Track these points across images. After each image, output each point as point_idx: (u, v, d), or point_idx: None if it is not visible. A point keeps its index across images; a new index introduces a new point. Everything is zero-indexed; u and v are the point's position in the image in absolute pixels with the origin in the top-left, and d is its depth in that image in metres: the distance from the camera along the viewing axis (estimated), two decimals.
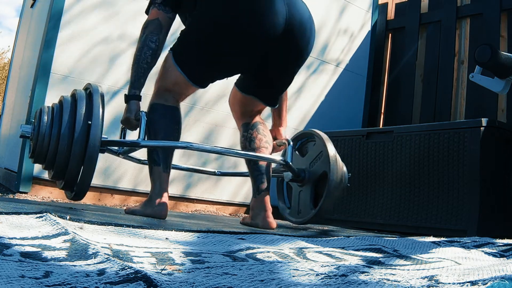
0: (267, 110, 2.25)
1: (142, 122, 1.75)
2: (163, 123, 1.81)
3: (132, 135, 1.94)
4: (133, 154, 2.05)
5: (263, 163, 1.98)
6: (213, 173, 2.28)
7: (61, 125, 1.61)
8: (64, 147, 1.60)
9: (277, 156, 2.02)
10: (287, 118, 2.21)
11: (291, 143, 2.04)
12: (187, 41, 1.84)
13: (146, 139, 1.78)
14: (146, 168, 2.69)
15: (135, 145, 1.79)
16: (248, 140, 2.01)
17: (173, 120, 1.84)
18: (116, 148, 1.95)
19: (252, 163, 1.99)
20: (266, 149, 1.99)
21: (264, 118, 2.79)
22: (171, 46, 1.89)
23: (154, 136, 1.79)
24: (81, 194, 1.69)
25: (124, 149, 1.95)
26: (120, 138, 1.91)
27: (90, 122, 1.60)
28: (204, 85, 1.92)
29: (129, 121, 1.78)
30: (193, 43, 1.82)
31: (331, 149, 2.00)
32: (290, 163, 2.01)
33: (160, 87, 1.86)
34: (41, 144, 1.64)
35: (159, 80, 1.87)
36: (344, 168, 2.09)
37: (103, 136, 1.67)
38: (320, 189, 2.06)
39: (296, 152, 2.19)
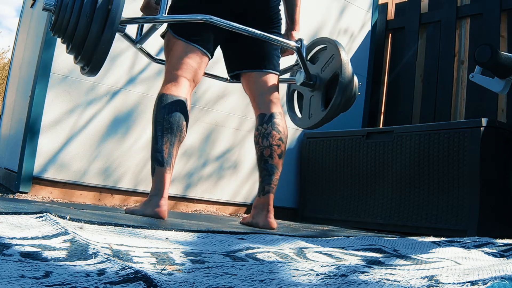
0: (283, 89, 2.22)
1: (162, 0, 1.77)
2: (170, 121, 1.78)
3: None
4: (146, 47, 2.06)
5: (273, 163, 1.95)
6: (226, 79, 2.23)
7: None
8: (84, 20, 1.62)
9: (291, 42, 2.00)
10: (299, 22, 2.16)
11: (304, 40, 2.02)
12: (177, 8, 1.89)
13: (152, 139, 1.78)
14: (146, 168, 2.69)
15: (154, 21, 1.81)
16: (261, 135, 1.98)
17: (180, 116, 1.81)
18: (133, 38, 1.98)
19: (263, 163, 1.97)
20: (278, 148, 1.97)
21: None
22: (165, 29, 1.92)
23: (160, 135, 1.77)
24: (96, 70, 1.72)
25: (141, 36, 1.97)
26: (137, 34, 1.96)
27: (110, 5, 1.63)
28: (206, 46, 1.91)
29: (149, 4, 1.84)
30: (182, 7, 1.87)
31: (343, 52, 1.98)
32: (303, 52, 1.98)
33: (169, 69, 1.86)
34: (62, 16, 1.66)
35: (167, 64, 1.89)
36: (355, 77, 2.05)
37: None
38: (332, 93, 2.02)
39: (308, 61, 2.14)
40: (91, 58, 1.69)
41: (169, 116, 1.78)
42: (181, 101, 1.81)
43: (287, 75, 2.27)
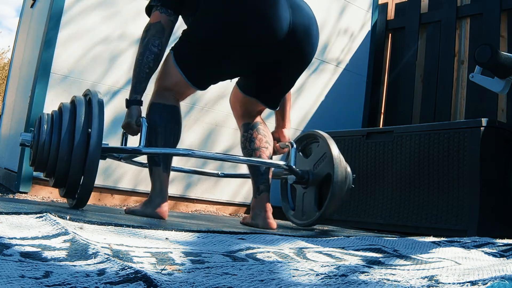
0: (269, 109, 2.24)
1: (143, 128, 1.73)
2: (163, 124, 1.80)
3: (134, 140, 1.93)
4: (135, 158, 2.04)
5: None
6: (217, 175, 2.27)
7: (61, 133, 1.61)
8: (64, 155, 1.60)
9: (280, 161, 2.02)
10: (290, 120, 2.19)
11: (294, 145, 2.03)
12: (189, 42, 1.83)
13: (147, 143, 1.78)
14: (146, 168, 2.69)
15: (136, 152, 1.78)
16: (248, 140, 2.01)
17: (172, 120, 1.84)
18: (118, 156, 1.94)
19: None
20: (266, 149, 1.99)
21: (267, 117, 2.79)
22: (172, 45, 1.89)
23: (154, 139, 1.78)
24: (83, 202, 1.69)
25: (125, 156, 1.94)
26: (122, 142, 1.89)
27: (90, 130, 1.60)
28: (204, 87, 1.92)
29: (130, 126, 1.76)
30: (195, 44, 1.81)
31: (335, 150, 1.99)
32: (293, 167, 2.00)
33: (160, 86, 1.86)
34: (41, 152, 1.64)
35: (159, 79, 1.87)
36: (348, 169, 2.07)
37: (104, 142, 1.66)
38: (325, 191, 2.04)
39: (300, 153, 2.18)
40: (76, 192, 1.67)
41: (161, 121, 1.81)
42: (172, 107, 1.84)
43: (280, 162, 2.29)
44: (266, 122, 2.16)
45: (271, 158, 2.03)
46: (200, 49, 1.80)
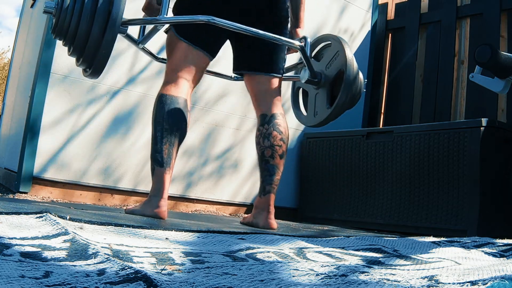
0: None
1: (164, 1, 1.75)
2: (170, 122, 1.78)
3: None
4: (149, 46, 2.05)
5: (274, 163, 1.95)
6: (230, 77, 2.22)
7: (84, 0, 1.62)
8: (85, 22, 1.61)
9: (295, 41, 1.98)
10: (304, 20, 2.16)
11: (308, 39, 2.00)
12: (181, 8, 1.88)
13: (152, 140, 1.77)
14: (146, 168, 2.69)
15: (156, 22, 1.79)
16: (262, 136, 1.98)
17: (179, 115, 1.80)
18: (136, 39, 1.96)
19: (264, 163, 1.97)
20: (279, 148, 1.97)
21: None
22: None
23: (160, 136, 1.77)
24: (98, 72, 1.71)
25: (144, 37, 1.95)
26: (139, 35, 1.93)
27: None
28: (208, 48, 1.90)
29: (150, 5, 1.81)
30: (186, 7, 1.86)
31: (348, 49, 1.97)
32: (307, 51, 1.97)
33: (169, 70, 1.86)
34: (63, 19, 1.65)
35: (169, 62, 1.88)
36: (360, 74, 2.04)
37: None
38: (337, 90, 2.01)
39: (312, 59, 2.12)
40: (93, 61, 1.68)
41: (169, 117, 1.77)
42: (181, 102, 1.81)
43: (291, 72, 2.27)
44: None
45: (284, 158, 2.00)
46: (192, 7, 1.84)
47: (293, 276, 0.80)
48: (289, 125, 2.18)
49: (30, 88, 2.62)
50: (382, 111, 3.87)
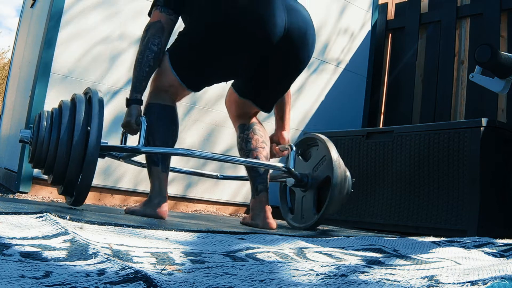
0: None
1: (142, 127, 1.74)
2: (160, 124, 1.81)
3: (133, 139, 1.93)
4: (134, 158, 2.04)
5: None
6: (216, 177, 2.27)
7: (60, 130, 1.61)
8: (63, 153, 1.60)
9: (279, 163, 2.01)
10: (290, 122, 2.19)
11: (294, 148, 2.02)
12: (182, 43, 1.84)
13: (145, 143, 1.78)
14: (146, 168, 2.69)
15: (135, 151, 1.78)
16: (244, 141, 2.01)
17: (169, 120, 1.84)
18: (116, 155, 1.94)
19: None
20: (263, 149, 1.99)
21: (266, 118, 2.79)
22: (168, 47, 1.89)
23: (152, 139, 1.78)
24: (80, 200, 1.69)
25: (124, 156, 1.94)
26: (121, 141, 1.89)
27: (89, 128, 1.60)
28: (198, 89, 1.92)
29: (129, 125, 1.76)
30: (188, 46, 1.83)
31: (334, 153, 1.98)
32: (292, 169, 1.99)
33: (156, 87, 1.86)
34: (40, 149, 1.64)
35: (155, 80, 1.87)
36: (348, 173, 2.06)
37: (103, 141, 1.66)
38: (324, 194, 2.03)
39: (300, 157, 2.17)
40: (73, 190, 1.67)
41: (158, 121, 1.81)
42: (169, 108, 1.85)
43: (278, 164, 2.27)
44: (266, 122, 2.16)
45: (268, 159, 2.03)
46: (194, 50, 1.81)
47: (293, 276, 0.80)
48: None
49: (30, 88, 2.62)
50: (382, 111, 3.87)
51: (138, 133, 1.76)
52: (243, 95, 2.00)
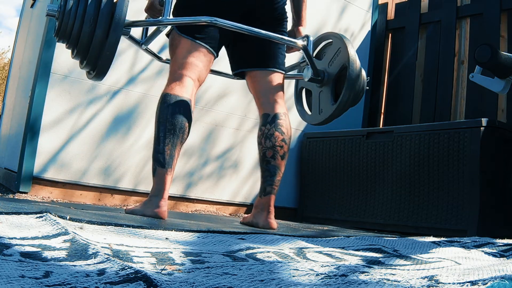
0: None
1: (166, 2, 1.75)
2: (173, 122, 1.76)
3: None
4: (153, 47, 2.04)
5: (275, 164, 1.94)
6: (231, 76, 2.19)
7: (87, 3, 1.62)
8: (88, 25, 1.61)
9: (298, 40, 1.98)
10: (306, 18, 2.15)
11: (311, 37, 2.00)
12: (182, 7, 1.88)
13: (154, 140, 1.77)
14: (146, 168, 2.70)
15: (158, 24, 1.79)
16: (264, 136, 1.97)
17: (183, 115, 1.78)
18: (139, 40, 1.96)
19: (265, 164, 1.96)
20: (281, 148, 1.95)
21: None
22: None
23: (163, 136, 1.76)
24: (102, 74, 1.71)
25: (147, 38, 1.95)
26: (142, 36, 1.93)
27: (115, 0, 1.62)
28: (211, 44, 1.89)
29: (153, 6, 1.80)
30: (188, 6, 1.86)
31: (350, 46, 1.96)
32: (310, 52, 1.97)
33: (174, 69, 1.84)
34: (66, 22, 1.65)
35: (172, 62, 1.87)
36: (363, 70, 2.04)
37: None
38: (340, 88, 2.00)
39: (314, 58, 2.12)
40: (97, 63, 1.68)
41: (172, 117, 1.76)
42: (185, 102, 1.79)
43: (294, 71, 2.27)
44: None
45: (285, 159, 1.99)
46: (192, 6, 1.84)
47: (293, 276, 0.80)
48: (291, 125, 2.18)
49: (30, 88, 2.62)
50: (382, 111, 3.87)
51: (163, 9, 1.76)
52: (242, 65, 2.01)
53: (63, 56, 2.51)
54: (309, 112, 2.22)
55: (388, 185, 2.70)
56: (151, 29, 1.97)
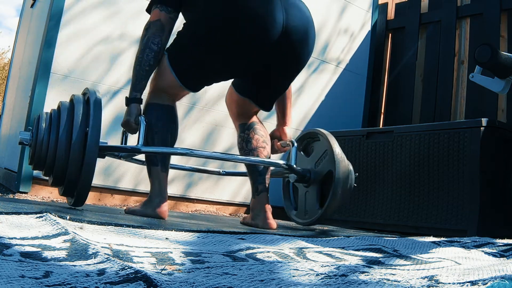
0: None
1: (141, 126, 1.74)
2: (159, 124, 1.80)
3: (134, 138, 1.93)
4: (135, 156, 2.04)
5: None
6: (218, 173, 2.25)
7: (59, 132, 1.61)
8: (62, 154, 1.60)
9: (279, 161, 2.00)
10: (291, 117, 2.17)
11: (295, 144, 2.01)
12: (181, 43, 1.83)
13: (144, 143, 1.77)
14: (146, 168, 2.69)
15: (135, 152, 1.78)
16: (245, 140, 2.00)
17: (169, 119, 1.84)
18: (116, 155, 1.93)
19: (251, 165, 1.98)
20: (264, 149, 1.98)
21: (268, 117, 2.79)
22: (167, 46, 1.89)
23: (151, 139, 1.78)
24: (81, 200, 1.69)
25: (125, 155, 1.94)
26: (122, 141, 1.89)
27: (87, 129, 1.60)
28: (196, 89, 1.92)
29: (129, 124, 1.76)
30: (187, 46, 1.81)
31: (336, 148, 1.97)
32: (294, 166, 1.98)
33: (155, 87, 1.86)
34: (39, 150, 1.64)
35: (154, 80, 1.87)
36: (351, 167, 2.05)
37: (102, 141, 1.67)
38: (327, 189, 2.02)
39: (301, 152, 2.16)
40: (74, 191, 1.68)
41: (158, 121, 1.81)
42: (168, 107, 1.84)
43: (279, 161, 2.27)
44: (267, 121, 2.15)
45: (269, 158, 2.03)
46: (192, 50, 1.80)
47: (293, 276, 0.80)
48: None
49: (30, 88, 2.62)
50: (382, 111, 3.87)
51: (138, 132, 1.76)
52: (243, 94, 1.99)
53: (63, 56, 2.51)
54: (294, 211, 2.23)
55: (388, 185, 2.70)
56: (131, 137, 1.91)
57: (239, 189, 3.07)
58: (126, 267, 0.71)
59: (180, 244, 1.09)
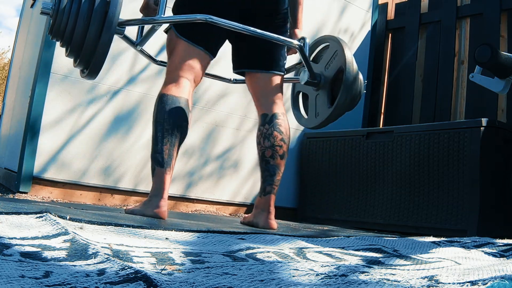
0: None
1: (161, 1, 1.75)
2: (170, 121, 1.77)
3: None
4: (147, 49, 2.04)
5: (274, 163, 1.94)
6: (229, 80, 2.24)
7: (81, 2, 1.63)
8: (82, 24, 1.61)
9: (294, 41, 1.97)
10: (302, 21, 2.14)
11: (307, 39, 1.99)
12: (180, 6, 1.88)
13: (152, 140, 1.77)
14: (146, 168, 2.69)
15: (153, 22, 1.79)
16: (263, 136, 1.97)
17: (180, 115, 1.79)
18: (133, 40, 1.97)
19: (264, 163, 1.97)
20: (280, 148, 1.96)
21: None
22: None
23: (161, 134, 1.77)
24: (95, 73, 1.72)
25: (142, 38, 1.96)
26: (137, 36, 1.93)
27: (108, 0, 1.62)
28: (208, 47, 1.90)
29: (148, 5, 1.81)
30: (186, 5, 1.86)
31: (347, 48, 1.96)
32: (306, 53, 1.96)
33: (170, 69, 1.85)
34: (60, 20, 1.65)
35: (169, 63, 1.87)
36: (360, 74, 2.03)
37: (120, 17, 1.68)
38: (337, 91, 1.99)
39: (311, 61, 2.11)
40: (90, 61, 1.68)
41: (170, 117, 1.76)
42: (182, 102, 1.80)
43: (291, 74, 2.26)
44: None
45: (284, 158, 1.99)
46: (191, 7, 1.83)
47: (293, 276, 0.80)
48: (289, 125, 2.18)
49: (30, 88, 2.62)
50: (382, 111, 3.87)
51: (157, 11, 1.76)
52: (243, 66, 2.01)
53: (63, 56, 2.50)
54: (305, 116, 2.21)
55: (388, 185, 2.70)
56: (147, 29, 1.97)
57: (239, 189, 3.07)
58: (126, 267, 0.71)
59: (180, 244, 1.09)
